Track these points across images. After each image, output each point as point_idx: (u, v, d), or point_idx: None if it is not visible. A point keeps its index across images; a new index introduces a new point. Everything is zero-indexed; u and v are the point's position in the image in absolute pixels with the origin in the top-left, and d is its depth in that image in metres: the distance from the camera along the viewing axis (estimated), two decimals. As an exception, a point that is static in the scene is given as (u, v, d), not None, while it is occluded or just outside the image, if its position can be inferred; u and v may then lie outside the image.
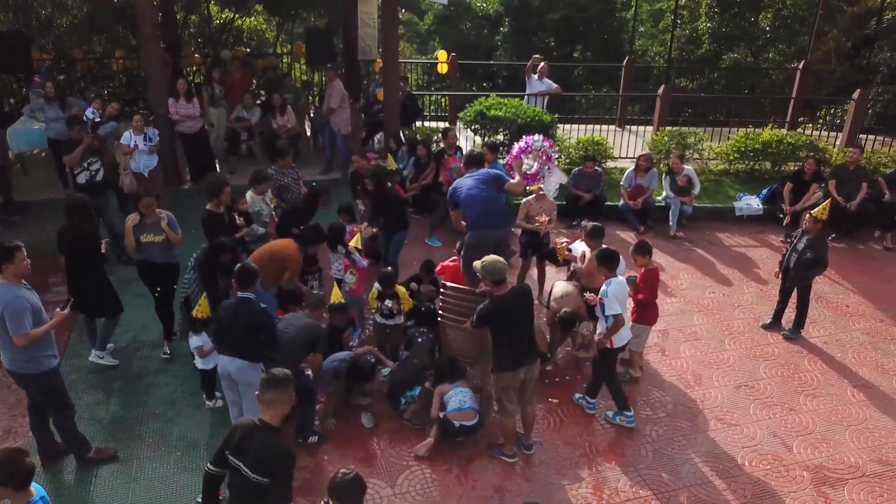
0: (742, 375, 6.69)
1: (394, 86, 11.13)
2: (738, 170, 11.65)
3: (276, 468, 3.56)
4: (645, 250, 6.22)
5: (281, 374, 3.72)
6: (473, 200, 6.53)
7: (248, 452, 3.59)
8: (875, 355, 7.06)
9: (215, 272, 5.98)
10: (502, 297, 5.05)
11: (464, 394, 5.49)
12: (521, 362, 5.14)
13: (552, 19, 19.79)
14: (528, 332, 5.22)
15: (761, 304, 7.99)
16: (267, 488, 3.56)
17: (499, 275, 5.03)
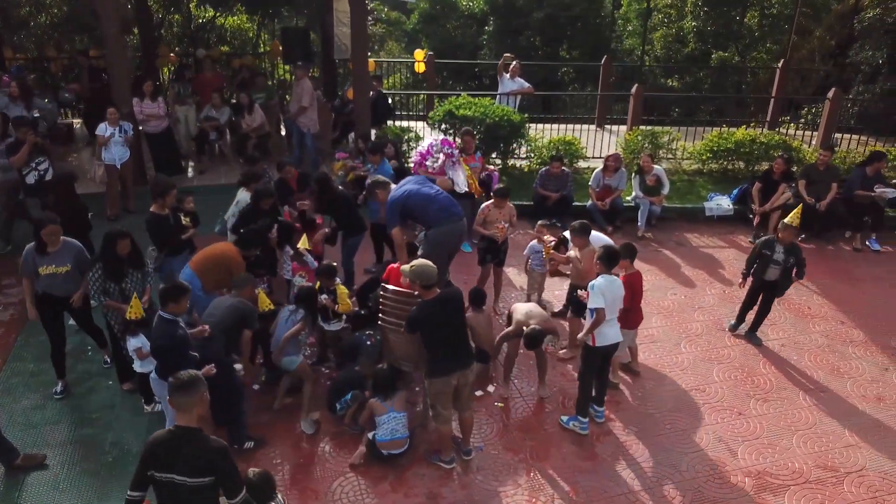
0: (695, 379, 6.59)
1: (364, 85, 11.04)
2: (711, 170, 11.55)
3: (217, 464, 3.53)
4: (631, 253, 6.11)
5: (187, 377, 3.62)
6: (430, 199, 6.45)
7: (179, 461, 3.49)
8: (832, 358, 6.96)
9: (118, 264, 5.71)
10: (431, 302, 4.96)
11: (396, 420, 5.31)
12: (453, 368, 5.05)
13: (537, 18, 19.69)
14: (459, 337, 5.12)
15: (722, 306, 7.90)
16: (206, 488, 3.51)
17: (428, 279, 4.93)
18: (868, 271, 8.86)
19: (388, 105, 11.98)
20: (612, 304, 5.51)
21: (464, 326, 5.21)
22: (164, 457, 3.51)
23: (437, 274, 5.87)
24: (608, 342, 5.57)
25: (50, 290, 5.81)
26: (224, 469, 3.55)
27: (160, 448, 3.54)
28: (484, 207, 7.48)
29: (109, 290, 5.70)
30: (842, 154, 11.32)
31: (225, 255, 6.25)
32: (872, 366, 6.85)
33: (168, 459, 3.50)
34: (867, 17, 14.97)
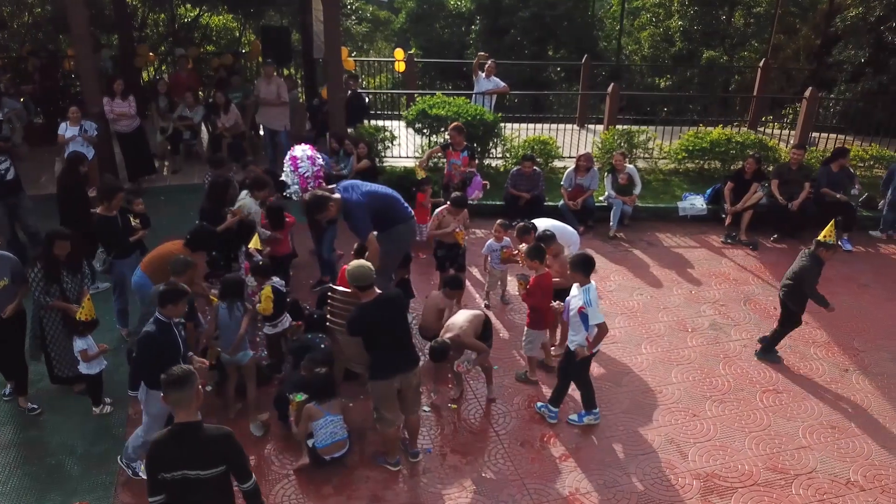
0: (653, 380, 6.54)
1: (337, 84, 10.99)
2: (687, 169, 11.50)
3: (227, 451, 3.54)
4: (540, 254, 6.07)
5: (180, 372, 3.55)
6: (391, 197, 6.34)
7: (188, 457, 3.48)
8: (793, 359, 6.91)
9: (54, 265, 5.63)
10: (369, 304, 4.89)
11: (334, 424, 5.23)
12: (394, 371, 4.99)
13: (522, 17, 19.64)
14: (401, 339, 5.06)
15: (687, 307, 7.85)
16: (219, 478, 3.52)
17: (364, 280, 4.87)
18: (838, 271, 8.79)
19: (364, 104, 11.93)
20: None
21: (406, 329, 5.14)
22: (170, 456, 3.48)
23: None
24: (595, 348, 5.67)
25: None
26: (233, 455, 3.56)
27: (165, 449, 3.51)
28: (438, 212, 7.45)
29: (51, 292, 5.64)
30: (818, 153, 11.26)
31: (173, 254, 6.20)
32: (832, 367, 6.80)
33: (176, 458, 3.47)
34: (849, 17, 14.91)
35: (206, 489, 3.52)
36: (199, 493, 3.52)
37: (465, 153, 9.12)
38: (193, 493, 3.51)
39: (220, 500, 3.64)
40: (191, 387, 3.52)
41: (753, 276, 8.64)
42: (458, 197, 7.49)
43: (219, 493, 3.60)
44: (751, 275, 8.69)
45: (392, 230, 6.22)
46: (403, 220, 6.30)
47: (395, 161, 11.20)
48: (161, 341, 4.70)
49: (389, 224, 6.15)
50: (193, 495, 3.53)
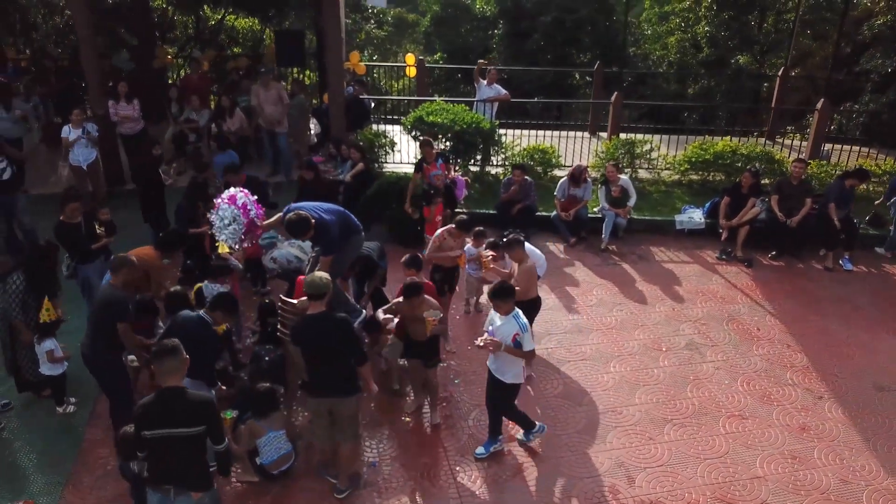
0: (615, 400, 6.43)
1: (338, 89, 11.08)
2: (691, 181, 11.25)
3: (207, 414, 3.98)
4: (414, 264, 6.01)
5: (170, 345, 4.00)
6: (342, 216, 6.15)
7: (173, 416, 3.90)
8: (765, 384, 6.70)
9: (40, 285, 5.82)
10: (309, 317, 4.87)
11: (278, 439, 5.26)
12: (319, 393, 4.96)
13: (544, 21, 19.46)
14: (330, 363, 4.87)
15: (666, 325, 7.68)
16: (197, 437, 3.95)
17: (315, 289, 4.83)
18: (833, 292, 8.51)
19: (366, 109, 11.99)
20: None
21: (339, 354, 4.86)
22: (157, 415, 3.90)
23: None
24: (521, 379, 5.49)
25: None
26: (212, 418, 4.01)
27: (152, 409, 3.93)
28: (440, 234, 7.06)
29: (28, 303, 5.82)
30: (830, 168, 10.89)
31: (141, 259, 6.33)
32: (806, 393, 6.58)
33: (161, 417, 3.90)
34: (877, 24, 14.36)
35: (185, 447, 3.94)
36: (177, 450, 3.95)
37: (440, 161, 9.07)
38: (174, 450, 3.95)
39: (194, 457, 4.02)
40: (178, 355, 3.97)
41: (742, 295, 8.41)
42: (463, 220, 6.99)
43: (195, 452, 4.01)
44: (740, 293, 8.46)
45: (345, 242, 6.13)
46: (356, 231, 6.24)
47: (395, 167, 11.21)
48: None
49: (344, 238, 6.11)
50: (173, 452, 3.96)
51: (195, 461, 4.00)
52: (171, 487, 3.97)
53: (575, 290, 8.45)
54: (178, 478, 3.98)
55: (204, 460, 4.02)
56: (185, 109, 11.66)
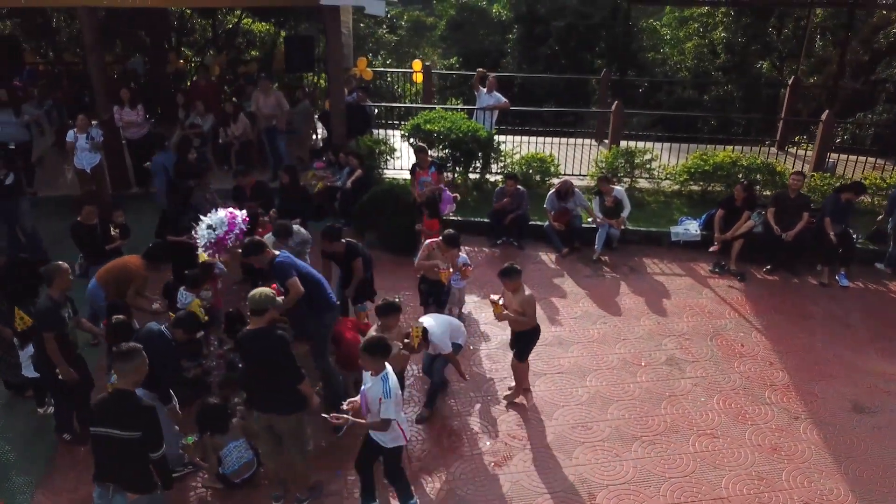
0: (586, 414, 6.41)
1: (339, 97, 11.20)
2: (691, 192, 11.14)
3: (144, 420, 4.10)
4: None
5: (126, 348, 4.19)
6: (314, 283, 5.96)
7: (114, 417, 4.06)
8: (742, 402, 6.63)
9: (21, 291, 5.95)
10: (250, 332, 4.89)
11: (239, 448, 5.37)
12: (256, 406, 5.02)
13: (558, 27, 19.40)
14: (266, 379, 4.88)
15: (648, 340, 7.63)
16: (135, 442, 4.07)
17: (256, 304, 4.89)
18: (824, 309, 8.38)
19: (367, 115, 12.09)
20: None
21: (278, 372, 4.85)
22: (102, 414, 4.11)
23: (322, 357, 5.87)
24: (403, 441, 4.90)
25: None
26: (149, 425, 4.11)
27: (100, 406, 4.16)
28: (429, 244, 7.01)
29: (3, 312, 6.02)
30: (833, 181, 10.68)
31: (126, 266, 6.52)
32: (783, 413, 6.49)
33: (105, 416, 4.09)
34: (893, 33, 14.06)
35: (122, 449, 4.07)
36: (116, 451, 4.09)
37: (433, 169, 9.12)
38: (113, 449, 4.10)
39: (133, 460, 4.14)
40: (132, 361, 4.13)
41: (731, 310, 8.32)
42: (451, 235, 6.88)
43: (133, 455, 4.12)
44: (728, 308, 8.37)
45: (321, 316, 5.94)
46: (329, 308, 5.97)
47: (395, 174, 11.28)
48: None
49: (318, 310, 5.87)
50: (112, 452, 4.11)
51: (133, 464, 4.11)
52: (110, 484, 4.13)
53: (561, 301, 8.44)
54: (116, 477, 4.13)
55: (143, 465, 4.12)
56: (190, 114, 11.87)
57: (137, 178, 11.03)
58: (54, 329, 5.45)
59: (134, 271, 6.51)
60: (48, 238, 9.01)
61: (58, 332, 5.48)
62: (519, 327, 6.20)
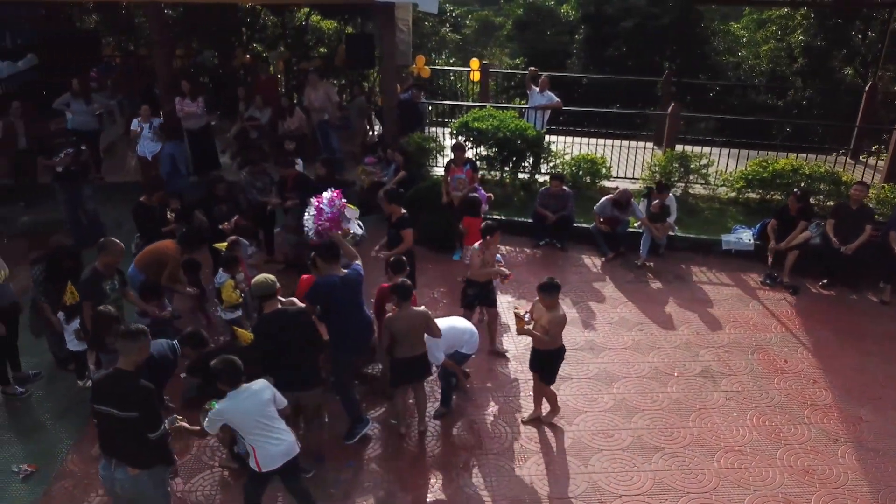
0: (609, 423, 6.23)
1: (390, 94, 11.30)
2: (749, 200, 10.67)
3: (141, 402, 4.17)
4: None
5: (134, 329, 4.34)
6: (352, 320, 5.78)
7: (113, 396, 4.16)
8: (778, 420, 6.31)
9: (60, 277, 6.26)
10: (266, 315, 5.06)
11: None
12: (287, 386, 5.08)
13: (625, 28, 18.98)
14: (297, 357, 5.08)
15: (685, 350, 7.37)
16: (133, 422, 4.15)
17: (263, 290, 5.06)
18: (881, 329, 7.87)
19: (419, 113, 12.13)
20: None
21: (302, 350, 5.10)
22: (102, 392, 4.22)
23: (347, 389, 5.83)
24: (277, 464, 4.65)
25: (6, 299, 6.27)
26: (146, 407, 4.18)
27: (101, 385, 4.29)
28: (475, 254, 6.85)
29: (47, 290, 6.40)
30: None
31: (161, 250, 6.77)
32: (821, 434, 6.14)
33: (105, 394, 4.20)
34: None
35: (122, 428, 4.16)
36: (116, 430, 4.20)
37: (468, 167, 9.07)
38: (113, 428, 4.20)
39: (132, 438, 4.21)
40: (136, 342, 4.24)
41: (778, 324, 7.93)
42: (488, 226, 6.92)
43: (131, 434, 4.18)
44: (776, 322, 7.99)
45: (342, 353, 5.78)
46: (352, 350, 5.82)
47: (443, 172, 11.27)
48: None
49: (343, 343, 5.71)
50: (112, 430, 4.22)
51: (132, 442, 4.21)
52: (113, 459, 4.26)
53: (598, 306, 8.25)
54: (117, 453, 4.26)
55: (141, 443, 4.22)
56: (250, 107, 12.22)
57: (196, 166, 11.43)
58: (92, 299, 5.75)
59: (168, 255, 6.75)
60: (109, 221, 9.49)
61: (95, 302, 5.76)
62: (541, 345, 5.90)
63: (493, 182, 11.01)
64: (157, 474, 4.36)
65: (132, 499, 4.40)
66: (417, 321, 5.62)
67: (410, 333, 5.61)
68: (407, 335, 5.60)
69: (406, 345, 5.63)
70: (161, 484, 4.44)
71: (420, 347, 5.69)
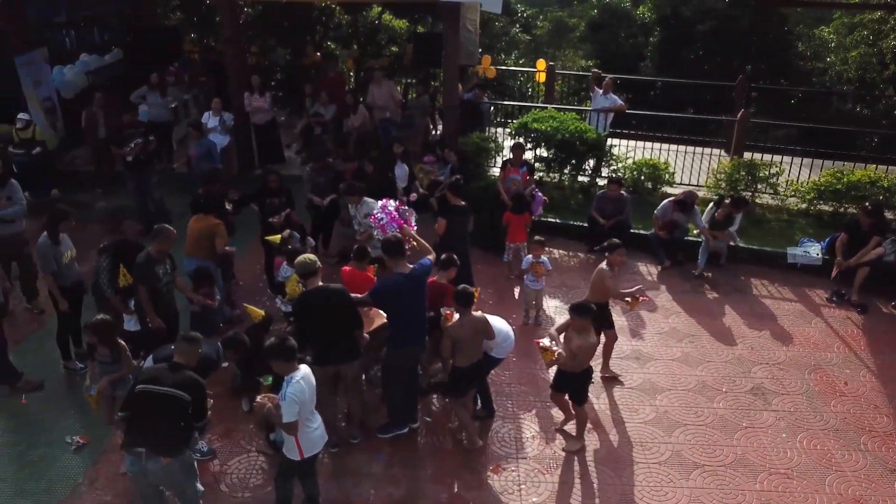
0: (648, 435, 6.06)
1: (452, 95, 11.33)
2: (820, 212, 10.15)
3: (195, 388, 4.47)
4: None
5: (192, 335, 4.70)
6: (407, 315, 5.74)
7: (169, 380, 4.42)
8: (830, 444, 5.98)
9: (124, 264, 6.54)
10: (308, 292, 5.33)
11: None
12: (328, 359, 5.34)
13: (702, 30, 18.37)
14: (336, 331, 5.34)
15: (736, 365, 7.08)
16: (179, 401, 4.37)
17: (306, 268, 5.33)
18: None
19: (481, 113, 12.10)
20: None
21: (345, 323, 5.35)
22: (154, 377, 4.48)
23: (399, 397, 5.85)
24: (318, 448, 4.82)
25: (72, 277, 6.72)
26: (198, 394, 4.47)
27: (156, 370, 4.58)
28: (608, 273, 6.30)
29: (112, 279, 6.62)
30: None
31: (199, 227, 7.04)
32: (877, 463, 5.77)
33: (158, 378, 4.45)
34: None
35: (166, 411, 4.36)
36: (160, 414, 4.37)
37: (524, 168, 8.97)
38: (156, 412, 4.37)
39: (170, 422, 4.39)
40: (194, 346, 4.61)
41: (841, 344, 7.52)
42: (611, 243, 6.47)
43: (171, 417, 4.38)
44: (839, 341, 7.58)
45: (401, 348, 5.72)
46: (412, 343, 5.75)
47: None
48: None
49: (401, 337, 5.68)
50: (154, 415, 4.37)
51: (171, 427, 4.37)
52: (142, 451, 4.36)
53: (649, 315, 8.04)
54: (152, 440, 4.37)
55: (177, 430, 4.38)
56: (315, 104, 12.50)
57: (261, 159, 11.79)
58: (146, 282, 6.04)
59: (213, 225, 6.98)
60: (176, 209, 9.89)
61: (149, 285, 6.05)
62: (568, 367, 5.63)
63: (551, 184, 10.89)
64: (186, 460, 4.53)
65: (165, 484, 4.58)
66: (479, 327, 5.54)
67: (473, 340, 5.54)
68: (469, 342, 5.52)
69: (468, 352, 5.55)
70: (190, 468, 4.61)
71: (479, 353, 5.63)
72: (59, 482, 5.45)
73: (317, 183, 8.88)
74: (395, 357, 5.74)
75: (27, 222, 7.76)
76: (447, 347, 5.62)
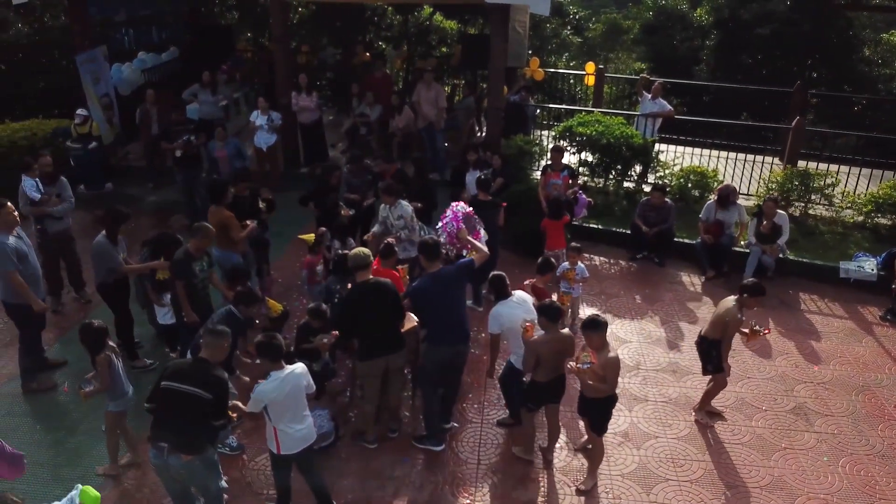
0: (680, 451, 5.88)
1: (496, 95, 11.25)
2: (878, 225, 9.70)
3: (218, 386, 4.47)
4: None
5: (219, 329, 4.71)
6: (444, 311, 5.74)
7: (193, 379, 4.43)
8: (875, 470, 5.69)
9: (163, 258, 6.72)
10: (357, 285, 5.40)
11: (322, 417, 5.65)
12: (377, 353, 5.41)
13: (761, 34, 17.80)
14: (383, 324, 5.43)
15: (779, 383, 6.82)
16: (199, 399, 4.38)
17: (355, 261, 5.43)
18: None
19: (525, 116, 11.98)
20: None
21: (391, 317, 5.47)
22: (181, 373, 4.48)
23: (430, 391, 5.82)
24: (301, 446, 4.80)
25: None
26: (221, 392, 4.47)
27: (180, 367, 4.56)
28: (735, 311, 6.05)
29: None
30: None
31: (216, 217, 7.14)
32: (925, 494, 5.48)
33: (184, 375, 4.46)
34: None
35: (189, 410, 4.37)
36: (183, 412, 4.39)
37: (566, 173, 8.83)
38: (179, 411, 4.40)
39: (192, 421, 4.41)
40: (220, 340, 4.59)
41: (893, 365, 7.18)
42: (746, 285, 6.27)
43: (193, 416, 4.39)
44: (891, 362, 7.23)
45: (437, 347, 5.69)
46: (449, 342, 5.68)
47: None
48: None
49: (437, 336, 5.68)
50: (177, 413, 4.41)
51: (194, 426, 4.41)
52: (165, 445, 4.42)
53: (689, 326, 7.82)
54: (175, 437, 4.40)
55: (199, 429, 4.42)
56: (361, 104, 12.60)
57: (306, 157, 11.94)
58: (182, 277, 6.18)
59: (221, 218, 7.09)
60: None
61: (186, 280, 6.19)
62: (592, 393, 5.24)
63: (595, 189, 10.71)
64: (208, 458, 4.57)
65: (186, 480, 4.64)
66: (566, 345, 5.33)
67: (556, 357, 5.31)
68: (552, 358, 5.29)
69: (549, 367, 5.32)
70: (212, 465, 4.65)
71: (561, 369, 5.37)
72: (94, 470, 5.60)
73: (352, 184, 8.93)
74: (431, 355, 5.71)
75: (80, 213, 8.04)
76: (529, 362, 5.31)
